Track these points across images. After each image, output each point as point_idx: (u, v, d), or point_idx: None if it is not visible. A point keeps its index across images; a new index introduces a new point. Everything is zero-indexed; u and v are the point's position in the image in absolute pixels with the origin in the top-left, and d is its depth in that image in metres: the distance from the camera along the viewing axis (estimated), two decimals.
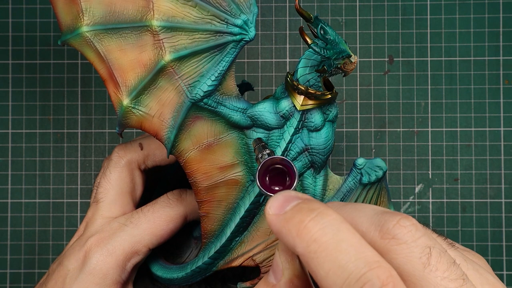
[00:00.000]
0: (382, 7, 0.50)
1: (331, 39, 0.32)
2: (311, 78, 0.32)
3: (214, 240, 0.36)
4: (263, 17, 0.51)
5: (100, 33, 0.32)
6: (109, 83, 0.33)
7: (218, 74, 0.32)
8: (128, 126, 0.34)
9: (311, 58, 0.32)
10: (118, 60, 0.32)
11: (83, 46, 0.33)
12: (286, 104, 0.33)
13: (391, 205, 0.37)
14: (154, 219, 0.36)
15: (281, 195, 0.24)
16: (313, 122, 0.33)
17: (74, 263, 0.36)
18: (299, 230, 0.22)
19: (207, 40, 0.32)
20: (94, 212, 0.38)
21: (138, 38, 0.32)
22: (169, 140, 0.33)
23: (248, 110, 0.33)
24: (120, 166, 0.38)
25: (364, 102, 0.50)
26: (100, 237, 0.36)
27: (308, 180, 0.34)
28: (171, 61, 0.32)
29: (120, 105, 0.33)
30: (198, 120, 0.33)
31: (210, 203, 0.35)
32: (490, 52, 0.50)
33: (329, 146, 0.34)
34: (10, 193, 0.50)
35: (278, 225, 0.23)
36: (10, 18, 0.51)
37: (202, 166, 0.34)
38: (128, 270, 0.36)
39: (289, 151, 0.33)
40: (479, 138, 0.50)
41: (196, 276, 0.37)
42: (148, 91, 0.33)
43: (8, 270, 0.50)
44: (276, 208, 0.23)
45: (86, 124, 0.50)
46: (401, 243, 0.22)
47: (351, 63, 0.33)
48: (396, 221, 0.22)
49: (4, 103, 0.50)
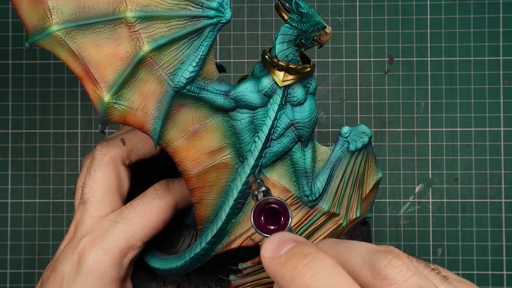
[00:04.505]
0: (382, 7, 0.50)
1: (306, 12, 0.32)
2: (289, 53, 0.33)
3: (210, 225, 0.36)
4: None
5: (72, 31, 0.31)
6: (86, 81, 0.32)
7: (199, 59, 0.32)
8: (111, 122, 0.33)
9: (288, 33, 0.32)
10: (94, 56, 0.32)
11: (54, 46, 0.32)
12: (267, 81, 0.33)
13: (378, 169, 0.37)
14: (144, 212, 0.36)
15: (276, 237, 0.24)
16: (295, 96, 0.33)
17: (69, 267, 0.35)
18: (293, 275, 0.22)
19: (184, 26, 0.31)
20: (83, 213, 0.37)
21: (112, 32, 0.31)
22: (156, 131, 0.33)
23: (231, 92, 0.33)
24: (104, 164, 0.37)
25: (364, 102, 0.50)
26: (92, 237, 0.36)
27: (297, 154, 0.35)
28: (150, 51, 0.31)
29: (101, 102, 0.32)
30: (182, 107, 0.33)
31: (201, 189, 0.35)
32: (490, 52, 0.50)
33: (313, 118, 0.34)
34: (10, 193, 0.50)
35: (273, 268, 0.23)
36: (10, 18, 0.50)
37: (190, 153, 0.34)
38: (125, 266, 0.36)
39: (275, 128, 0.34)
40: (479, 138, 0.50)
41: (195, 263, 0.37)
42: (129, 85, 0.32)
43: (8, 270, 0.50)
44: (271, 251, 0.24)
45: (86, 124, 0.50)
46: (391, 284, 0.22)
47: (326, 34, 0.33)
48: (387, 261, 0.23)
49: (4, 103, 0.50)
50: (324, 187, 0.35)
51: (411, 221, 0.50)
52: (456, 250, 0.50)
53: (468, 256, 0.50)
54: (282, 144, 0.34)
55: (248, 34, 0.50)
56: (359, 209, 0.37)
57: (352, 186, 0.36)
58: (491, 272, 0.50)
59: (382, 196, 0.50)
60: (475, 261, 0.50)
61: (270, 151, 0.34)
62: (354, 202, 0.36)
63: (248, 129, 0.34)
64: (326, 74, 0.50)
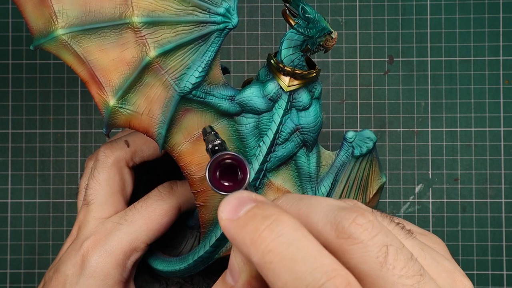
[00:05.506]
0: (382, 7, 0.50)
1: (312, 18, 0.32)
2: (295, 59, 0.33)
3: (214, 228, 0.36)
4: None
5: (78, 35, 0.31)
6: (91, 84, 0.32)
7: (205, 64, 0.32)
8: (116, 126, 0.33)
9: (294, 38, 0.33)
10: (100, 60, 0.32)
11: (59, 49, 0.32)
12: (273, 86, 0.33)
13: (383, 174, 0.37)
14: (148, 214, 0.36)
15: (233, 197, 0.23)
16: (301, 101, 0.33)
17: (72, 268, 0.35)
18: (253, 239, 0.21)
19: (191, 32, 0.31)
20: (86, 215, 0.37)
21: (118, 37, 0.31)
22: (161, 136, 0.33)
23: (236, 97, 0.33)
24: (108, 166, 0.37)
25: (364, 102, 0.50)
26: (96, 239, 0.36)
27: (301, 159, 0.35)
28: (156, 56, 0.31)
29: (106, 106, 0.32)
30: (188, 112, 0.33)
31: (206, 193, 0.35)
32: (490, 52, 0.50)
33: (318, 123, 0.34)
34: (10, 193, 0.50)
35: (232, 231, 0.22)
36: (10, 18, 0.50)
37: (195, 157, 0.34)
38: (129, 268, 0.36)
39: (280, 133, 0.34)
40: (479, 138, 0.50)
41: (198, 266, 0.37)
42: (135, 89, 0.32)
43: (8, 270, 0.50)
44: (229, 212, 0.22)
45: (86, 124, 0.50)
46: (356, 243, 0.21)
47: (332, 39, 0.33)
48: (352, 219, 0.21)
49: (4, 103, 0.50)
50: (328, 192, 0.35)
51: (411, 221, 0.50)
52: (456, 250, 0.50)
53: (468, 256, 0.50)
54: (287, 149, 0.34)
55: (248, 34, 0.50)
56: None
57: (356, 190, 0.36)
58: (491, 272, 0.50)
59: (382, 196, 0.50)
60: (475, 261, 0.50)
61: (275, 155, 0.34)
62: None
63: (253, 133, 0.34)
64: (326, 74, 0.50)
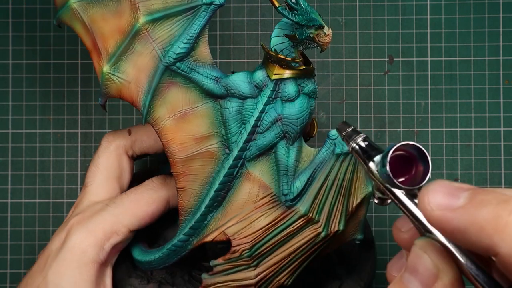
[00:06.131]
0: (382, 7, 0.50)
1: (301, 8, 0.33)
2: (285, 48, 0.33)
3: (190, 217, 0.36)
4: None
5: (85, 4, 0.34)
6: (93, 54, 0.35)
7: (190, 37, 0.33)
8: (109, 95, 0.35)
9: (284, 27, 0.33)
10: (101, 29, 0.34)
11: (72, 19, 0.34)
12: (261, 74, 0.34)
13: (369, 183, 0.36)
14: (136, 199, 0.37)
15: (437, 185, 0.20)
16: (286, 92, 0.34)
17: (57, 244, 0.36)
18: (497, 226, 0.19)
19: (180, 4, 0.33)
20: (82, 196, 0.38)
21: (117, 5, 0.33)
22: (145, 105, 0.34)
23: (223, 79, 0.34)
24: (108, 151, 0.39)
25: (364, 102, 0.50)
26: (82, 217, 0.36)
27: (281, 151, 0.35)
28: (145, 23, 0.33)
29: (101, 72, 0.34)
30: (172, 86, 0.34)
31: (186, 177, 0.35)
32: (490, 52, 0.50)
33: (302, 117, 0.34)
34: (10, 193, 0.50)
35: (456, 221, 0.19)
36: (10, 19, 0.51)
37: (177, 136, 0.34)
38: (107, 250, 0.36)
39: (262, 121, 0.34)
40: (479, 138, 0.50)
41: (172, 256, 0.37)
42: (126, 56, 0.34)
43: (8, 270, 0.50)
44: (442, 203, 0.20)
45: (86, 124, 0.50)
46: None
47: (325, 35, 0.33)
48: None
49: (4, 103, 0.50)
50: (303, 187, 0.35)
51: None
52: None
53: None
54: (267, 138, 0.34)
55: (248, 34, 0.50)
56: (342, 222, 0.35)
57: (336, 193, 0.35)
58: None
59: None
60: None
61: (255, 144, 0.34)
62: (337, 213, 0.35)
63: (235, 118, 0.34)
64: (326, 74, 0.50)
